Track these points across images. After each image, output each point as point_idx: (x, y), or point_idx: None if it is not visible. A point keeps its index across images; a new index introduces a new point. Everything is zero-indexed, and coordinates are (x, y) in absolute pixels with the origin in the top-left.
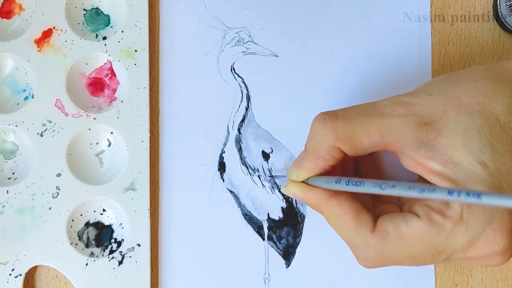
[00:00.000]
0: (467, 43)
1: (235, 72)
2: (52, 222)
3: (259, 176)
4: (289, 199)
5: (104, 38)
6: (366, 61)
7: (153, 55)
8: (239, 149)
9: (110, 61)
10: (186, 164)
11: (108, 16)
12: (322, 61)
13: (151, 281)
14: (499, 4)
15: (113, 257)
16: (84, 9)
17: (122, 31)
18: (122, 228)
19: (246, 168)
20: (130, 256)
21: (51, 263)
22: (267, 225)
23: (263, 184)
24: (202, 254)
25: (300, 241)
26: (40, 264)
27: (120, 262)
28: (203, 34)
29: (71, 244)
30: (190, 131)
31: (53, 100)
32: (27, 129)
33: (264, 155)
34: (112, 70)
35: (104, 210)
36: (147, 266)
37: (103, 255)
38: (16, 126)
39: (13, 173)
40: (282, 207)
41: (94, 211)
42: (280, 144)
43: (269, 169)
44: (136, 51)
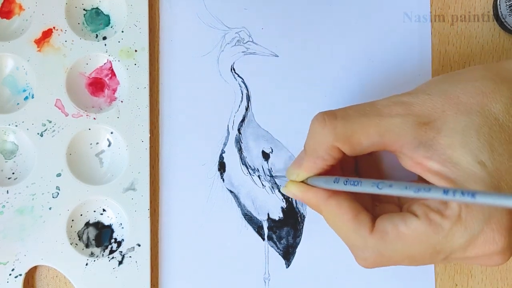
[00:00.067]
0: (467, 43)
1: (235, 72)
2: (52, 222)
3: (259, 176)
4: (289, 199)
5: (104, 38)
6: (366, 61)
7: (153, 55)
8: (239, 149)
9: (110, 61)
10: (186, 164)
11: (108, 16)
12: (322, 61)
13: (151, 281)
14: (499, 4)
15: (113, 257)
16: (84, 9)
17: (122, 31)
18: (122, 228)
19: (246, 168)
20: (130, 256)
21: (51, 263)
22: (267, 225)
23: (263, 184)
24: (202, 254)
25: (300, 241)
26: (40, 264)
27: (120, 262)
28: (203, 34)
29: (71, 244)
30: (190, 131)
31: (53, 100)
32: (27, 129)
33: (264, 155)
34: (112, 70)
35: (104, 210)
36: (147, 266)
37: (103, 255)
38: (16, 126)
39: (13, 173)
40: (282, 207)
41: (94, 211)
42: (280, 144)
43: (269, 169)
44: (136, 51)
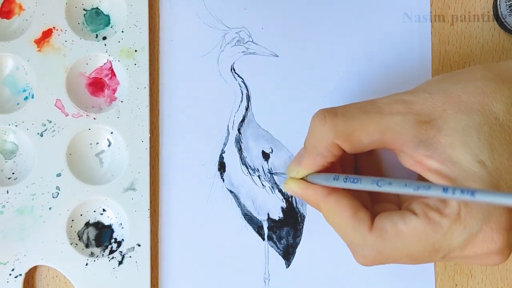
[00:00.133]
0: (467, 43)
1: (235, 72)
2: (52, 222)
3: (259, 176)
4: (289, 199)
5: (104, 38)
6: (366, 61)
7: (153, 55)
8: (239, 149)
9: (110, 61)
10: (186, 164)
11: (108, 16)
12: (322, 61)
13: (151, 281)
14: (499, 4)
15: (113, 257)
16: (84, 9)
17: (122, 31)
18: (122, 228)
19: (246, 168)
20: (130, 256)
21: (51, 263)
22: (267, 225)
23: (263, 184)
24: (202, 254)
25: (300, 241)
26: (40, 264)
27: (120, 262)
28: (203, 34)
29: (71, 244)
30: (190, 131)
31: (53, 100)
32: (27, 129)
33: (264, 155)
34: (112, 70)
35: (104, 210)
36: (147, 266)
37: (103, 255)
38: (16, 126)
39: (13, 173)
40: (282, 207)
41: (94, 211)
42: (280, 144)
43: (269, 169)
44: (136, 51)
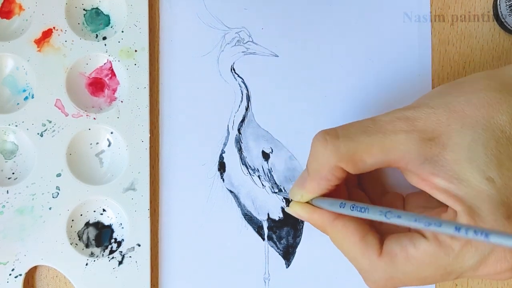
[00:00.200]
0: (467, 43)
1: (235, 72)
2: (52, 222)
3: (259, 176)
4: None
5: (104, 38)
6: (366, 61)
7: (153, 55)
8: (239, 149)
9: (110, 61)
10: (186, 164)
11: (108, 16)
12: (322, 61)
13: (151, 281)
14: (499, 4)
15: (113, 257)
16: (84, 9)
17: (122, 31)
18: (122, 228)
19: (246, 168)
20: (130, 256)
21: (51, 263)
22: (267, 225)
23: (263, 184)
24: (202, 254)
25: (300, 241)
26: (40, 264)
27: (120, 262)
28: (203, 34)
29: (71, 244)
30: (190, 131)
31: (53, 100)
32: (27, 129)
33: (264, 155)
34: (112, 70)
35: (104, 210)
36: (147, 266)
37: (103, 255)
38: (16, 126)
39: (13, 173)
40: (282, 207)
41: (94, 211)
42: (280, 144)
43: (269, 169)
44: (136, 51)
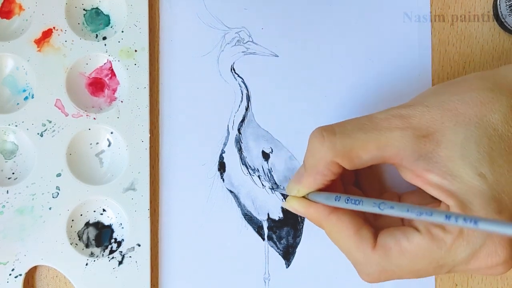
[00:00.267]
0: (467, 43)
1: (235, 72)
2: (52, 222)
3: (259, 176)
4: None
5: (104, 38)
6: (366, 61)
7: (153, 55)
8: (239, 149)
9: (110, 61)
10: (186, 164)
11: (108, 16)
12: (322, 61)
13: (151, 281)
14: (499, 4)
15: (113, 257)
16: (84, 9)
17: (122, 31)
18: (122, 228)
19: (246, 168)
20: (130, 256)
21: (51, 263)
22: (267, 225)
23: (263, 184)
24: (202, 254)
25: (300, 241)
26: (40, 264)
27: (120, 262)
28: (203, 34)
29: (71, 244)
30: (190, 131)
31: (53, 100)
32: (27, 129)
33: (264, 155)
34: (112, 70)
35: (104, 210)
36: (147, 266)
37: (103, 255)
38: (16, 126)
39: (13, 173)
40: (282, 207)
41: (94, 211)
42: (280, 144)
43: (269, 169)
44: (136, 51)
